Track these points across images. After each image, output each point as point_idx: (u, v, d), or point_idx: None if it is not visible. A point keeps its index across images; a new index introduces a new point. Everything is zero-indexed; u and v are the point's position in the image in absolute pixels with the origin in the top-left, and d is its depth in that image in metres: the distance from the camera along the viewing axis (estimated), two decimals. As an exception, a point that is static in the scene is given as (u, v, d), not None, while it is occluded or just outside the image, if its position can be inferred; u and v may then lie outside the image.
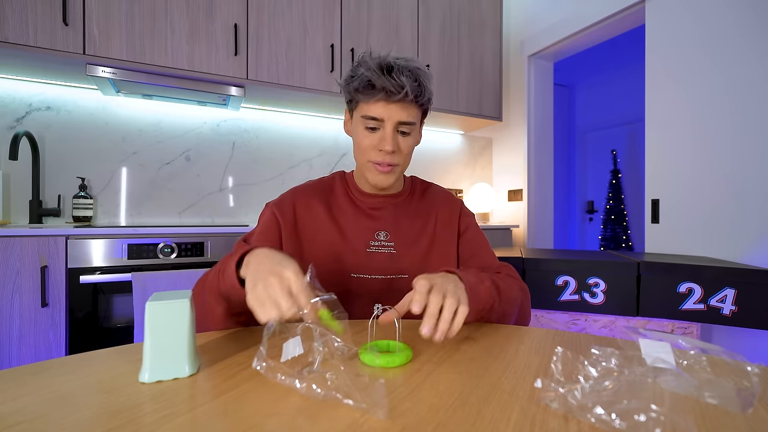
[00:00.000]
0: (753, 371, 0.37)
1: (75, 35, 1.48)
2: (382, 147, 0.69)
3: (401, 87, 0.66)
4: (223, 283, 0.55)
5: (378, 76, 0.66)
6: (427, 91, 0.71)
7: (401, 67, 0.67)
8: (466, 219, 0.84)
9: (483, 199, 2.60)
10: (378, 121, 0.69)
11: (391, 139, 0.69)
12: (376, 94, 0.67)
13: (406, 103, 0.68)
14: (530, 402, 0.36)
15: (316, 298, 0.46)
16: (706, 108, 1.60)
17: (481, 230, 0.85)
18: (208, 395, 0.37)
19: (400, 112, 0.68)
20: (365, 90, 0.68)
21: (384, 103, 0.68)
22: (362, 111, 0.70)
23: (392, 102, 0.67)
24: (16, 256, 1.24)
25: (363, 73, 0.67)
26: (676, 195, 1.71)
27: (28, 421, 0.32)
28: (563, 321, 1.33)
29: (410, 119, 0.70)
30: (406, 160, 0.75)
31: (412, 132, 0.73)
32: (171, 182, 1.92)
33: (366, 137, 0.71)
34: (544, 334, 0.56)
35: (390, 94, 0.66)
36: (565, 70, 3.96)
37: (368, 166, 0.73)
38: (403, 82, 0.66)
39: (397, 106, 0.68)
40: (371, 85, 0.67)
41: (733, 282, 1.16)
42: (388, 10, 2.10)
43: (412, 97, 0.68)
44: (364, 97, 0.69)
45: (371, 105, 0.69)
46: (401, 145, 0.72)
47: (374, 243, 0.75)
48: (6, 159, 1.62)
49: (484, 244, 0.82)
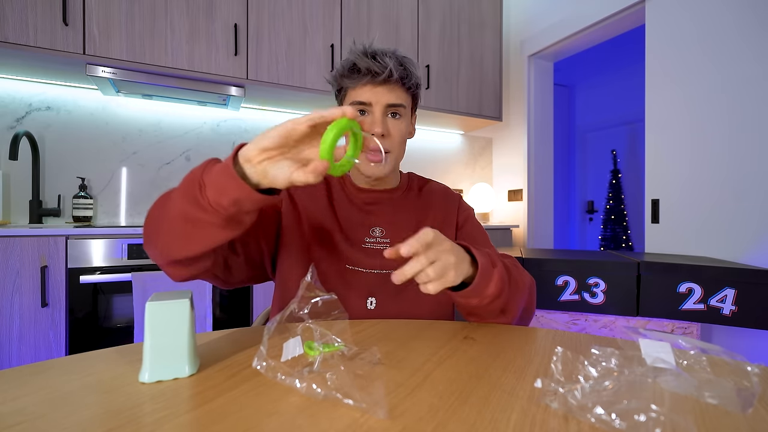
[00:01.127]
0: (753, 371, 0.37)
1: (75, 35, 1.48)
2: (372, 130, 0.69)
3: (385, 67, 0.67)
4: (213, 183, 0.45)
5: (362, 59, 0.67)
6: (413, 76, 0.71)
7: (385, 51, 0.69)
8: (465, 212, 0.83)
9: (483, 199, 2.60)
10: (366, 105, 0.69)
11: (381, 122, 0.69)
12: (362, 78, 0.68)
13: (392, 85, 0.69)
14: (530, 402, 0.36)
15: (317, 298, 0.46)
16: (706, 108, 1.60)
17: (481, 225, 0.84)
18: (208, 395, 0.37)
19: (387, 94, 0.69)
20: (350, 74, 0.69)
21: (371, 86, 0.68)
22: (350, 98, 0.71)
23: (378, 84, 0.68)
24: (16, 256, 1.24)
25: (347, 57, 0.70)
26: (675, 195, 1.71)
27: (28, 421, 0.32)
28: (563, 321, 1.33)
29: (398, 101, 0.70)
30: (399, 148, 0.73)
31: (403, 115, 0.72)
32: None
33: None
34: (544, 334, 0.56)
35: (375, 75, 0.67)
36: (565, 70, 3.96)
37: (362, 157, 0.72)
38: (387, 62, 0.67)
39: (384, 88, 0.69)
40: (356, 68, 0.68)
41: (733, 282, 1.16)
42: (388, 9, 2.10)
43: (397, 77, 0.68)
44: (350, 82, 0.70)
45: (358, 90, 0.69)
46: (392, 129, 0.71)
47: (369, 240, 0.75)
48: (6, 159, 1.62)
49: (483, 237, 0.81)
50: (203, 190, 0.45)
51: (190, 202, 0.46)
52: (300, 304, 0.46)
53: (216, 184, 0.45)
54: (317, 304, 0.46)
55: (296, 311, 0.46)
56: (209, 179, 0.45)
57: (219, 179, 0.45)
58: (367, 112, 0.70)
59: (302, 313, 0.45)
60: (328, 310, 0.47)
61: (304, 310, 0.46)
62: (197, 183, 0.46)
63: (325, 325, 0.45)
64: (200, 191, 0.45)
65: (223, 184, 0.44)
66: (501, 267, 0.59)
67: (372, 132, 0.69)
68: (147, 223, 0.55)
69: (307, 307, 0.46)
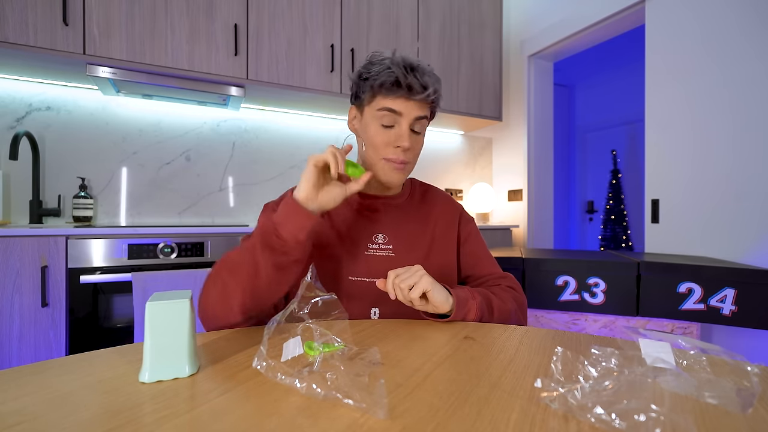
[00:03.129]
0: (753, 371, 0.37)
1: (75, 35, 1.48)
2: (400, 143, 0.70)
3: (425, 87, 0.68)
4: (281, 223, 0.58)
5: (404, 74, 0.68)
6: (440, 95, 0.73)
7: (423, 69, 0.70)
8: (467, 226, 0.84)
9: (483, 199, 2.60)
10: (395, 114, 0.70)
11: (408, 136, 0.70)
12: (399, 91, 0.68)
13: (422, 103, 0.71)
14: (530, 402, 0.36)
15: (317, 298, 0.46)
16: (706, 108, 1.60)
17: (482, 237, 0.85)
18: (208, 395, 0.37)
19: (417, 109, 0.70)
20: (390, 86, 0.69)
21: (404, 99, 0.69)
22: (380, 103, 0.70)
23: (411, 100, 0.69)
24: (16, 256, 1.24)
25: (389, 69, 0.69)
26: (676, 195, 1.71)
27: (28, 421, 0.32)
28: (563, 321, 1.33)
29: (424, 113, 0.72)
30: (415, 160, 0.76)
31: (423, 131, 0.74)
32: (171, 182, 1.92)
33: (380, 134, 0.71)
34: (544, 334, 0.57)
35: (412, 93, 0.68)
36: (565, 70, 3.96)
37: (381, 163, 0.72)
38: (426, 82, 0.69)
39: (416, 104, 0.70)
40: (397, 82, 0.68)
41: (733, 282, 1.16)
42: (388, 9, 2.10)
43: (433, 98, 0.70)
44: (387, 92, 0.70)
45: (390, 99, 0.70)
46: (414, 144, 0.73)
47: (372, 246, 0.75)
48: (6, 159, 1.62)
49: (485, 254, 0.83)
50: (281, 238, 0.57)
51: (275, 253, 0.57)
52: (300, 304, 0.46)
53: (291, 226, 0.57)
54: (317, 304, 0.46)
55: (296, 311, 0.46)
56: (284, 231, 0.57)
57: (293, 221, 0.57)
58: (393, 125, 0.71)
59: (302, 313, 0.45)
60: (328, 310, 0.47)
61: (304, 310, 0.46)
62: (273, 235, 0.57)
63: (325, 325, 0.45)
64: (278, 238, 0.57)
65: (300, 223, 0.58)
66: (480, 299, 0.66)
67: (397, 145, 0.71)
68: (217, 294, 0.59)
69: (307, 307, 0.46)
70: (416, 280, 0.59)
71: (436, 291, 0.60)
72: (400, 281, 0.59)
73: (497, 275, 0.79)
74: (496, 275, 0.79)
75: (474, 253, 0.82)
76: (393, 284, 0.60)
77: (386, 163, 0.72)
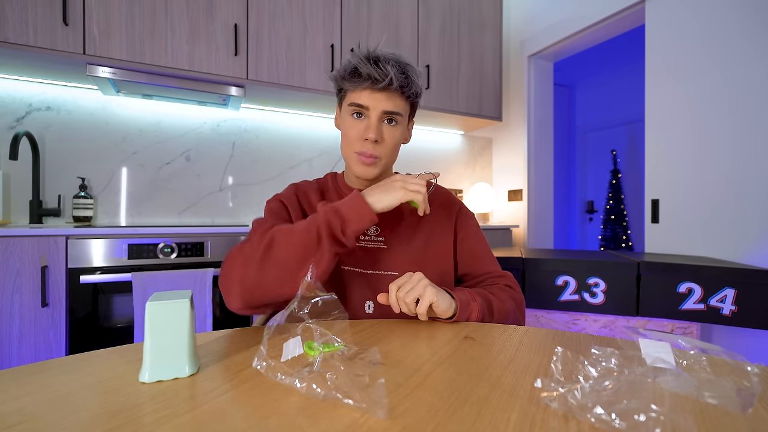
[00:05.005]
0: (753, 371, 0.37)
1: (75, 35, 1.48)
2: (366, 135, 0.70)
3: (386, 75, 0.67)
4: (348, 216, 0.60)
5: (364, 64, 0.68)
6: (414, 85, 0.72)
7: (388, 58, 0.70)
8: (466, 222, 0.83)
9: (483, 199, 2.60)
10: (363, 109, 0.70)
11: (375, 128, 0.70)
12: (363, 82, 0.69)
13: (392, 93, 0.70)
14: (530, 402, 0.36)
15: (316, 299, 0.46)
16: (706, 108, 1.60)
17: (482, 233, 0.84)
18: (208, 395, 0.37)
19: (385, 101, 0.70)
20: (351, 77, 0.70)
21: (370, 91, 0.69)
22: (349, 99, 0.72)
23: (377, 91, 0.69)
24: (16, 256, 1.24)
25: (350, 60, 0.70)
26: (676, 195, 1.71)
27: (28, 421, 0.32)
28: (563, 321, 1.33)
29: (396, 109, 0.71)
30: (391, 155, 0.74)
31: (399, 123, 0.73)
32: (171, 182, 1.92)
33: (352, 126, 0.72)
34: (544, 334, 0.56)
35: (375, 82, 0.68)
36: (565, 70, 3.96)
37: (353, 157, 0.73)
38: (388, 71, 0.68)
39: (383, 95, 0.69)
40: (357, 73, 0.69)
41: (733, 282, 1.16)
42: (388, 9, 2.10)
43: (397, 86, 0.69)
44: (350, 85, 0.70)
45: (357, 93, 0.70)
46: (386, 135, 0.72)
47: (364, 238, 0.75)
48: (6, 159, 1.62)
49: (484, 252, 0.82)
50: (346, 234, 0.60)
51: (335, 244, 0.60)
52: (300, 304, 0.46)
53: (357, 225, 0.61)
54: (317, 304, 0.46)
55: (296, 311, 0.46)
56: (351, 227, 0.60)
57: (363, 220, 0.61)
58: (363, 116, 0.71)
59: (302, 313, 0.45)
60: (328, 310, 0.47)
61: (304, 310, 0.46)
62: (339, 229, 0.60)
63: (325, 325, 0.45)
64: (343, 234, 0.60)
65: (365, 225, 0.61)
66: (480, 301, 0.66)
67: (365, 138, 0.70)
68: (277, 274, 0.59)
69: (307, 307, 0.46)
70: (420, 292, 0.59)
71: (440, 299, 0.60)
72: (403, 295, 0.59)
73: (495, 274, 0.79)
74: (495, 274, 0.79)
75: (473, 250, 0.81)
76: (396, 298, 0.59)
77: (357, 157, 0.72)
